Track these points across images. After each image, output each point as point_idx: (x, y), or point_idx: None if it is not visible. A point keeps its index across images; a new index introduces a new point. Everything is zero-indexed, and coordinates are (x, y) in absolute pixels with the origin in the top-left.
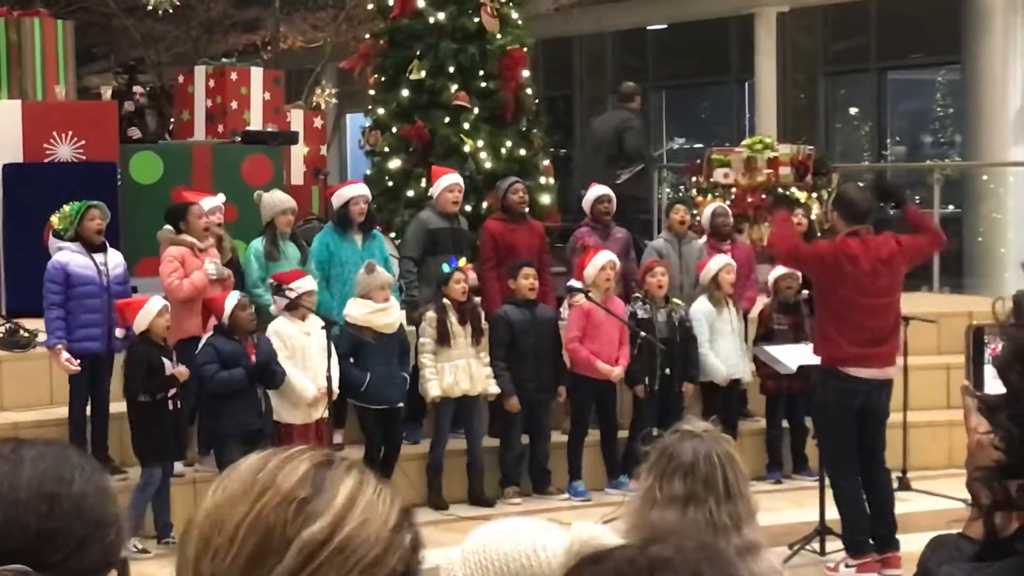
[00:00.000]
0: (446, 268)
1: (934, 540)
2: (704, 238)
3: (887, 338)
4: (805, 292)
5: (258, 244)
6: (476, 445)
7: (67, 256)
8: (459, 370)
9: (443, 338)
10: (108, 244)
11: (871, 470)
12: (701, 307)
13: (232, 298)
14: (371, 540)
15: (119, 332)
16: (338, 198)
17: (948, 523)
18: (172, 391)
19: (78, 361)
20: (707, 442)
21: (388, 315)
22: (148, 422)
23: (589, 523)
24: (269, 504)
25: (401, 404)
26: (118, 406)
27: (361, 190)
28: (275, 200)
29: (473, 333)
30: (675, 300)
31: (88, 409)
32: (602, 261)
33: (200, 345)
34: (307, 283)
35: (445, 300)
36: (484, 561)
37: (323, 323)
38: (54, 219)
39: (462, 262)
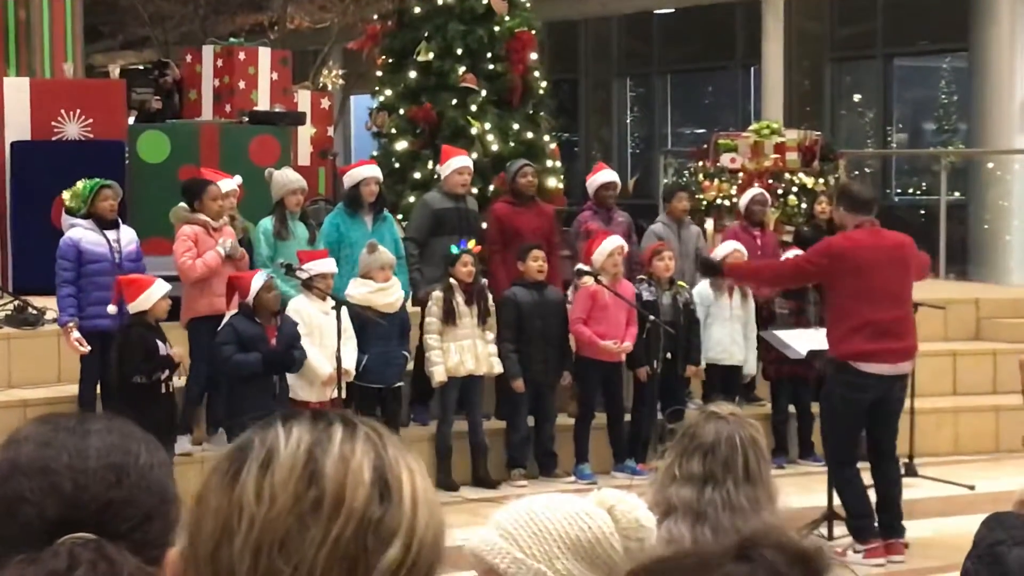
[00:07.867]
0: (455, 249)
1: (992, 519)
2: (709, 223)
3: (902, 332)
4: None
5: (267, 223)
6: (478, 426)
7: (79, 233)
8: (464, 350)
9: (449, 317)
10: (121, 221)
11: (879, 461)
12: (700, 290)
13: (259, 278)
14: (436, 543)
15: (111, 308)
16: (350, 178)
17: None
18: (167, 373)
19: (87, 342)
20: (731, 425)
21: (388, 295)
22: (140, 404)
23: (608, 489)
24: (347, 530)
25: (400, 384)
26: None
27: (373, 171)
28: (286, 179)
29: (479, 313)
30: (680, 283)
31: (98, 387)
32: (611, 247)
33: (222, 323)
34: (322, 265)
35: (452, 280)
36: (541, 532)
37: (333, 303)
38: (65, 196)
39: (471, 244)
